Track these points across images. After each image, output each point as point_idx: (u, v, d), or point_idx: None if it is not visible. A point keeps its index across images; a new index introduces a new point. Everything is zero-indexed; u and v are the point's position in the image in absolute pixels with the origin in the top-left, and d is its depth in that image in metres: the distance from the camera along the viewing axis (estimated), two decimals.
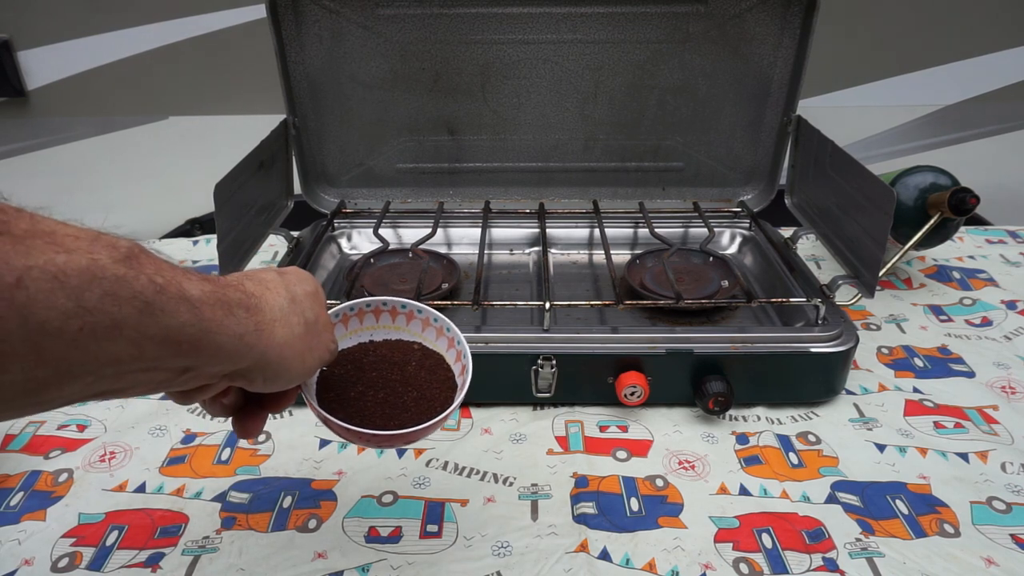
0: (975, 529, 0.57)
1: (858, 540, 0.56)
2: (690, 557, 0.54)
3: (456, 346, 0.48)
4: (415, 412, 0.45)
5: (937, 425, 0.68)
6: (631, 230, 0.94)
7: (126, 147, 1.12)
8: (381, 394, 0.46)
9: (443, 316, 0.49)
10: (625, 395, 0.67)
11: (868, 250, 0.69)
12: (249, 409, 0.43)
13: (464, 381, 0.46)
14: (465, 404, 0.71)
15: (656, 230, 0.87)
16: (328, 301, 0.45)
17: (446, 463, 0.64)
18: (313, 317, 0.39)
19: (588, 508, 0.59)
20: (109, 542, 0.56)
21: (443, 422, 0.44)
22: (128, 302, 0.27)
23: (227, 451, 0.65)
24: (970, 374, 0.76)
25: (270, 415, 0.44)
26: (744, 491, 0.61)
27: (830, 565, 0.53)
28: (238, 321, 0.33)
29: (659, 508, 0.59)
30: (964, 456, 0.64)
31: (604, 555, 0.55)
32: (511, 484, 0.61)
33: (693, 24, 0.85)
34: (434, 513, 0.59)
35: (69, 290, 0.25)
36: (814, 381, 0.70)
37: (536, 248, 0.92)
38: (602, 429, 0.68)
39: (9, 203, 0.27)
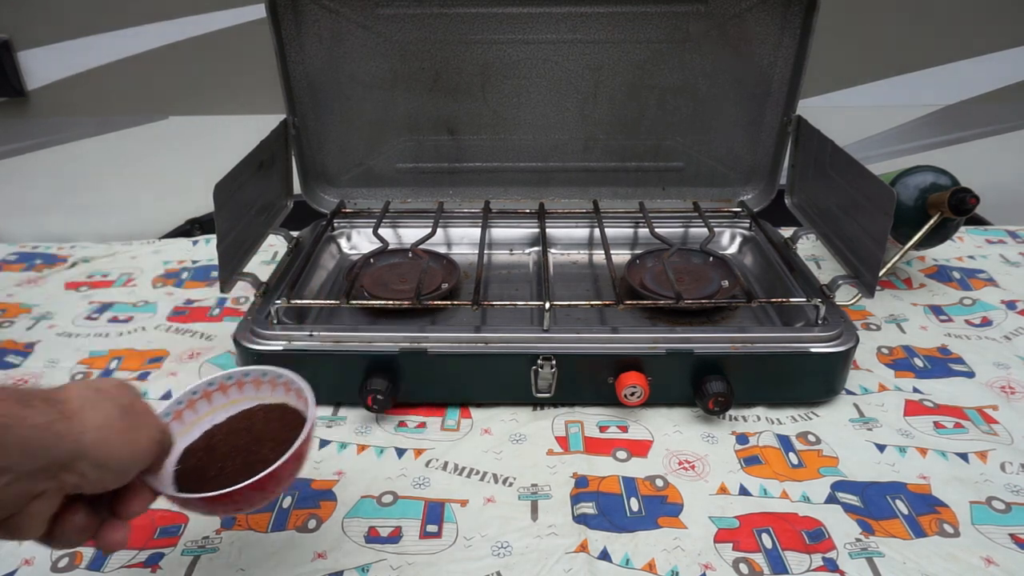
0: (975, 529, 0.57)
1: (858, 540, 0.56)
2: (690, 557, 0.54)
3: (291, 387, 0.50)
4: (276, 458, 0.43)
5: (937, 425, 0.68)
6: (631, 230, 0.94)
7: (126, 147, 1.12)
8: (239, 460, 0.45)
9: (267, 367, 0.50)
10: (625, 395, 0.67)
11: (868, 250, 0.69)
12: (107, 523, 0.39)
13: (309, 405, 0.47)
14: (465, 404, 0.71)
15: (656, 230, 0.87)
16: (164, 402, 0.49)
17: (446, 463, 0.64)
18: (127, 402, 0.38)
19: (588, 508, 0.59)
20: None
21: (304, 449, 0.45)
22: None
23: None
24: (970, 374, 0.76)
25: (130, 520, 0.40)
26: (744, 491, 0.61)
27: (830, 565, 0.53)
28: (39, 412, 0.33)
29: (659, 508, 0.59)
30: (964, 456, 0.64)
31: (604, 555, 0.55)
32: (511, 484, 0.61)
33: (693, 24, 0.85)
34: (434, 513, 0.59)
35: None
36: (814, 381, 0.70)
37: (536, 248, 0.92)
38: (602, 429, 0.68)
39: None
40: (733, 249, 0.93)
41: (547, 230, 0.87)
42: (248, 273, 0.73)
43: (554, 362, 0.66)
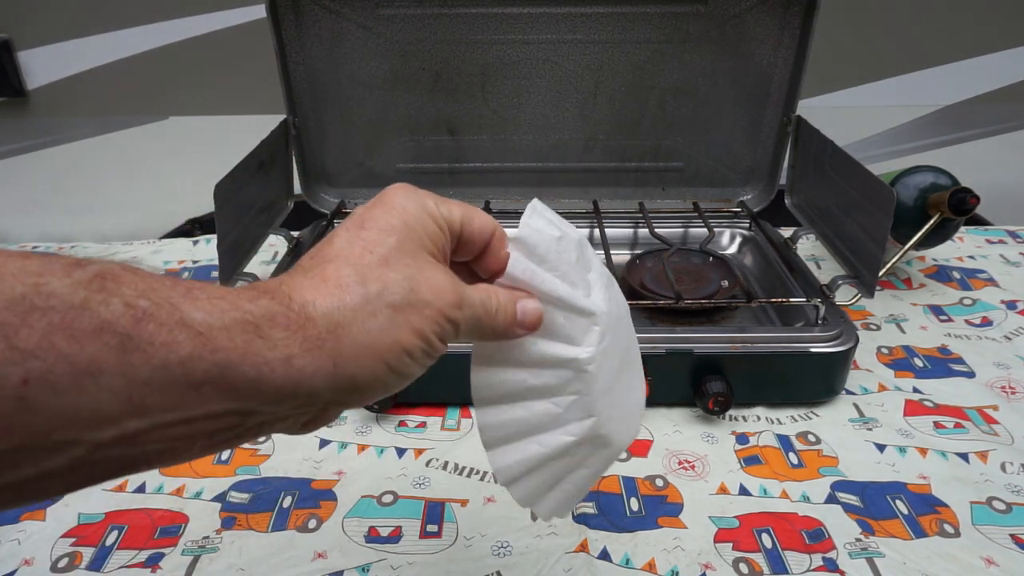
0: (975, 529, 0.57)
1: (858, 540, 0.56)
2: (690, 557, 0.54)
3: None
4: None
5: (937, 425, 0.68)
6: (631, 230, 0.94)
7: (126, 147, 1.12)
8: None
9: None
10: None
11: (868, 250, 0.69)
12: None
13: None
14: (466, 404, 0.71)
15: (656, 230, 0.87)
16: None
17: (446, 463, 0.64)
18: (404, 291, 0.28)
19: (588, 508, 0.59)
20: (109, 542, 0.56)
21: None
22: (94, 337, 0.20)
23: (227, 451, 0.65)
24: (970, 374, 0.76)
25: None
26: (744, 491, 0.61)
27: (830, 565, 0.53)
28: (272, 344, 0.24)
29: (659, 508, 0.59)
30: (964, 456, 0.64)
31: (604, 555, 0.55)
32: None
33: (693, 24, 0.85)
34: (434, 513, 0.59)
35: None
36: (814, 381, 0.70)
37: None
38: None
39: None
40: (733, 249, 0.93)
41: None
42: (248, 273, 0.73)
43: None
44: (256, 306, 0.24)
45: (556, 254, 0.34)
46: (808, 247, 1.00)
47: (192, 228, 1.16)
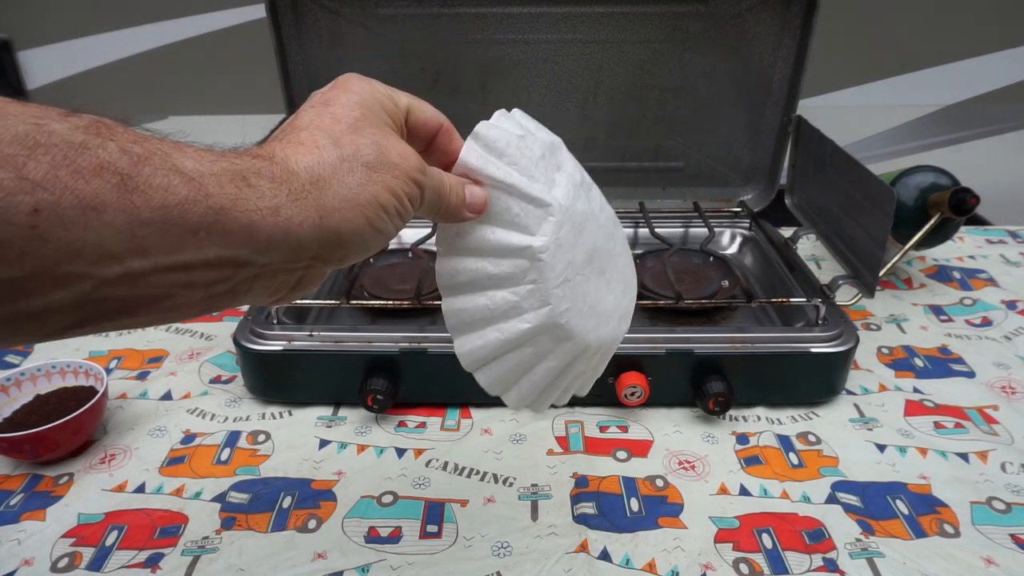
0: (975, 529, 0.57)
1: (858, 540, 0.56)
2: (690, 557, 0.54)
3: (89, 373, 0.68)
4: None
5: (937, 425, 0.68)
6: (631, 230, 0.94)
7: None
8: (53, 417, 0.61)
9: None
10: (625, 395, 0.67)
11: (868, 250, 0.69)
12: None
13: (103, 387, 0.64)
14: (465, 404, 0.71)
15: (656, 230, 0.87)
16: None
17: (446, 463, 0.64)
18: (374, 154, 0.30)
19: (588, 508, 0.59)
20: (109, 542, 0.56)
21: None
22: (95, 175, 0.22)
23: (227, 451, 0.65)
24: (970, 374, 0.76)
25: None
26: (744, 491, 0.61)
27: (830, 565, 0.53)
28: (260, 193, 0.26)
29: (659, 508, 0.59)
30: (964, 456, 0.64)
31: (604, 555, 0.54)
32: (511, 484, 0.61)
33: (693, 24, 0.85)
34: (434, 513, 0.58)
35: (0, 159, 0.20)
36: (814, 381, 0.70)
37: None
38: (602, 429, 0.68)
39: None
40: (733, 249, 0.93)
41: None
42: None
43: None
44: (242, 160, 0.26)
45: (516, 149, 0.35)
46: (808, 247, 1.00)
47: None
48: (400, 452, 0.65)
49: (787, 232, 0.89)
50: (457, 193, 0.34)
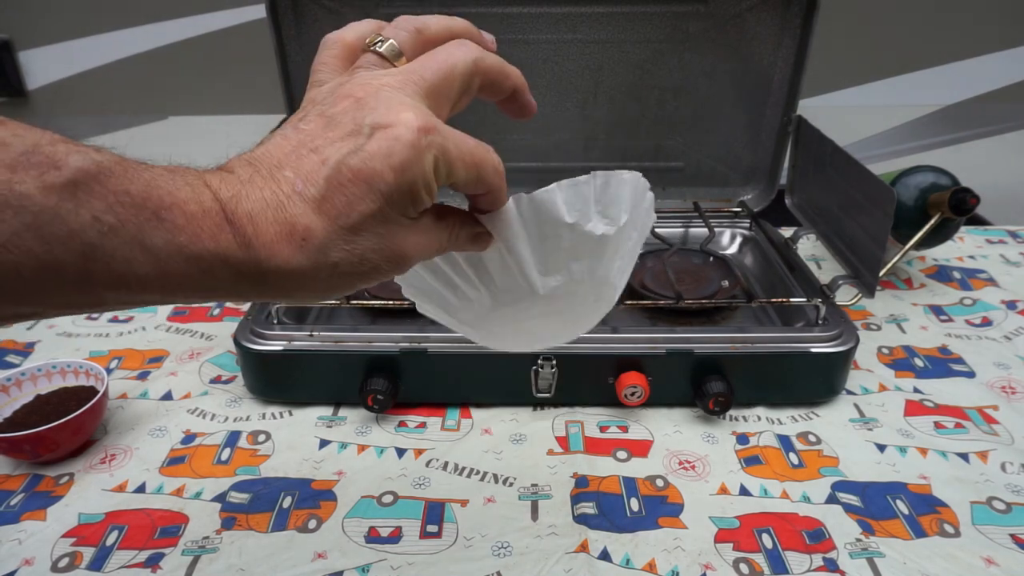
0: (975, 529, 0.57)
1: (858, 540, 0.56)
2: (690, 557, 0.54)
3: (90, 373, 0.68)
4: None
5: (937, 425, 0.68)
6: None
7: (126, 147, 1.12)
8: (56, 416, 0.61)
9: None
10: (625, 395, 0.67)
11: (868, 250, 0.69)
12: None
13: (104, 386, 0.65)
14: (465, 404, 0.71)
15: (656, 230, 0.87)
16: None
17: (446, 463, 0.64)
18: (375, 265, 0.28)
19: (588, 508, 0.59)
20: (109, 542, 0.56)
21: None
22: (61, 243, 0.22)
23: (227, 451, 0.65)
24: (970, 374, 0.76)
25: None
26: (744, 491, 0.61)
27: (830, 565, 0.53)
28: (226, 288, 0.26)
29: (659, 508, 0.59)
30: (964, 456, 0.64)
31: (604, 555, 0.55)
32: (511, 484, 0.61)
33: (693, 24, 0.85)
34: (434, 513, 0.59)
35: None
36: (814, 381, 0.70)
37: None
38: (602, 429, 0.68)
39: None
40: (733, 249, 0.93)
41: None
42: None
43: (554, 362, 0.66)
44: (216, 246, 0.25)
45: (552, 230, 0.34)
46: (808, 247, 1.00)
47: None
48: (400, 452, 0.65)
49: (787, 232, 0.89)
50: (462, 245, 0.33)
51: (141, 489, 0.61)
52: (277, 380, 0.70)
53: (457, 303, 0.38)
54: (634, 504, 0.59)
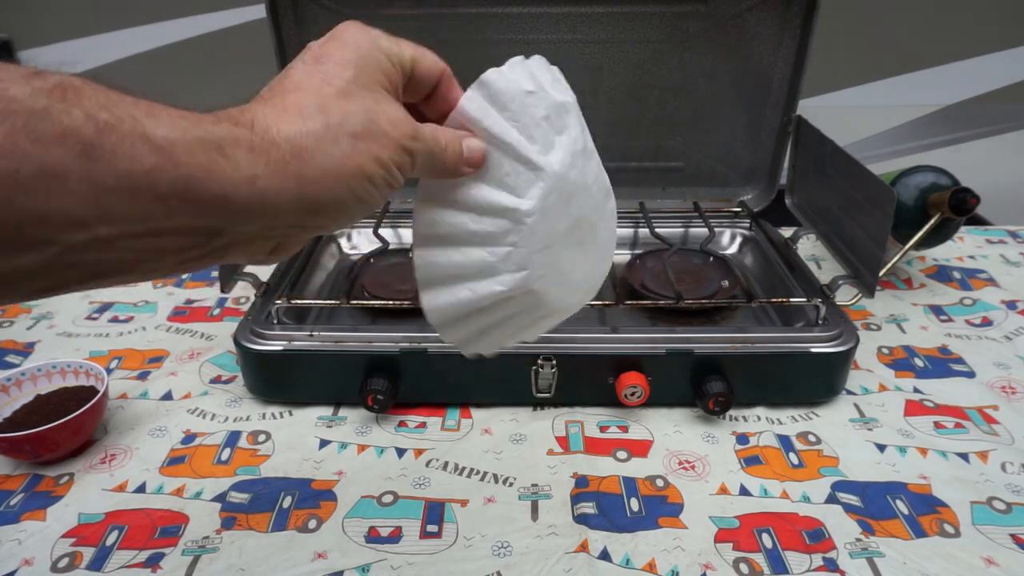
0: (975, 529, 0.57)
1: (858, 540, 0.56)
2: (690, 557, 0.54)
3: (90, 373, 0.68)
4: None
5: (937, 425, 0.68)
6: (631, 230, 0.94)
7: None
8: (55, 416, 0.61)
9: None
10: (625, 395, 0.67)
11: (868, 250, 0.69)
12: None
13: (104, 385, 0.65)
14: (465, 404, 0.71)
15: (656, 230, 0.87)
16: None
17: (446, 463, 0.64)
18: (363, 122, 0.29)
19: (588, 508, 0.59)
20: (109, 542, 0.56)
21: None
22: (57, 143, 0.21)
23: (227, 451, 0.65)
24: (970, 374, 0.76)
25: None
26: (744, 491, 0.61)
27: (830, 565, 0.53)
28: (236, 164, 0.25)
29: (659, 508, 0.59)
30: (964, 456, 0.64)
31: (604, 555, 0.55)
32: (511, 484, 0.61)
33: (693, 24, 0.85)
34: (434, 513, 0.59)
35: None
36: (814, 381, 0.70)
37: None
38: (602, 429, 0.68)
39: None
40: (733, 249, 0.93)
41: None
42: (248, 273, 0.73)
43: (554, 362, 0.66)
44: (219, 128, 0.25)
45: (520, 105, 0.34)
46: (808, 247, 1.00)
47: None
48: (400, 452, 0.65)
49: (787, 232, 0.89)
50: (454, 149, 0.33)
51: (141, 489, 0.61)
52: (277, 380, 0.70)
53: (494, 260, 0.35)
54: (634, 504, 0.59)
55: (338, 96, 0.29)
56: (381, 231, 0.88)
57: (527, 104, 0.34)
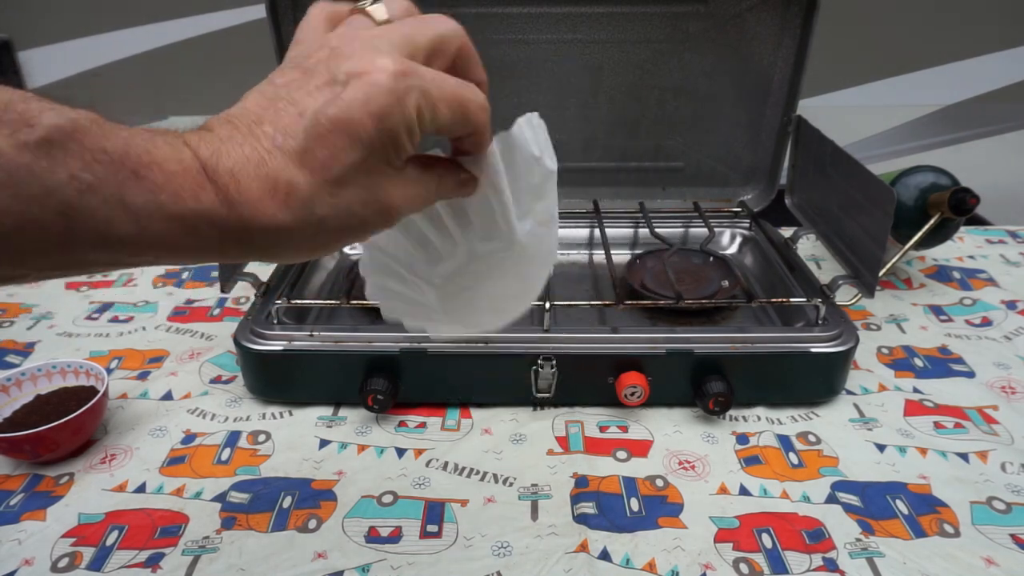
0: (975, 529, 0.57)
1: (858, 540, 0.56)
2: (690, 557, 0.54)
3: (90, 373, 0.68)
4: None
5: (937, 425, 0.68)
6: (631, 230, 0.94)
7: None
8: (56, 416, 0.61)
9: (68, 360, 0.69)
10: (625, 395, 0.67)
11: (868, 250, 0.69)
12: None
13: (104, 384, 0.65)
14: (465, 404, 0.71)
15: (656, 230, 0.87)
16: None
17: (446, 463, 0.64)
18: (352, 225, 0.28)
19: (588, 508, 0.59)
20: (109, 542, 0.56)
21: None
22: (38, 201, 0.21)
23: (227, 451, 0.65)
24: (970, 374, 0.76)
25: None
26: (744, 491, 0.61)
27: (830, 565, 0.53)
28: (205, 242, 0.25)
29: (659, 508, 0.59)
30: (964, 456, 0.64)
31: (604, 555, 0.55)
32: (511, 484, 0.62)
33: (693, 24, 0.85)
34: (434, 513, 0.59)
35: None
36: (814, 381, 0.70)
37: None
38: (602, 429, 0.68)
39: None
40: (733, 249, 0.93)
41: None
42: (248, 273, 0.73)
43: (554, 362, 0.66)
44: (198, 205, 0.24)
45: (525, 168, 0.35)
46: (808, 247, 1.00)
47: None
48: (400, 452, 0.65)
49: (787, 232, 0.89)
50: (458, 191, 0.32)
51: (141, 489, 0.61)
52: (277, 380, 0.70)
53: (426, 268, 0.37)
54: (634, 504, 0.59)
55: (329, 184, 0.26)
56: None
57: (531, 168, 0.35)
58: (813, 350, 0.67)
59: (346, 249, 0.93)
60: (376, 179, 0.27)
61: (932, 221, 0.81)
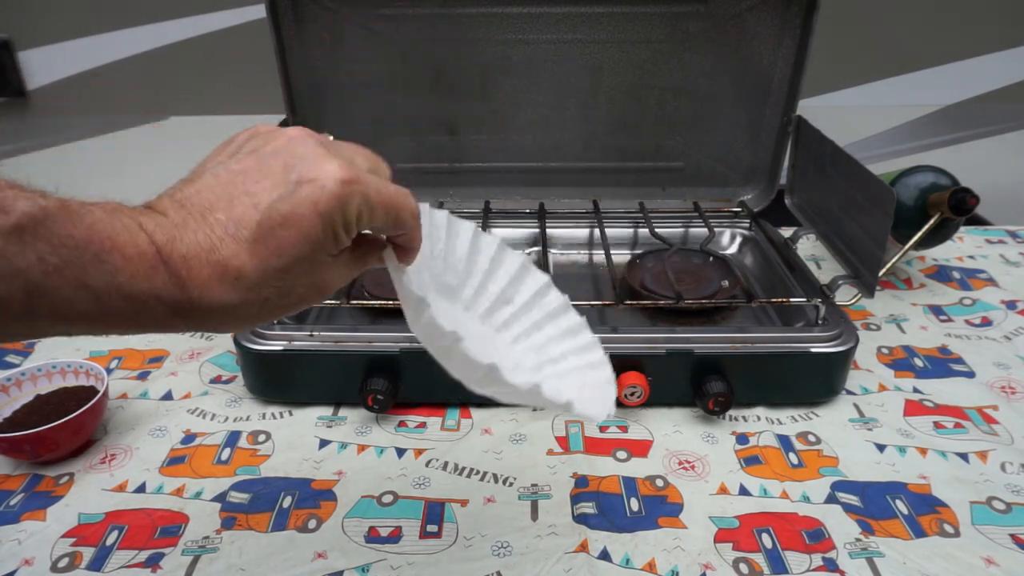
0: (975, 529, 0.57)
1: (858, 540, 0.56)
2: (690, 557, 0.54)
3: (90, 373, 0.68)
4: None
5: (937, 425, 0.68)
6: (631, 230, 0.94)
7: (126, 147, 1.12)
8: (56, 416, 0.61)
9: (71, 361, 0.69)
10: (625, 395, 0.67)
11: (868, 250, 0.69)
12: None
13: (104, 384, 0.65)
14: (465, 404, 0.71)
15: (656, 230, 0.87)
16: None
17: (446, 463, 0.64)
18: (292, 298, 0.31)
19: (588, 508, 0.59)
20: (109, 542, 0.56)
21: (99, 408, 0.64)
22: (5, 281, 0.24)
23: (227, 451, 0.65)
24: (970, 374, 0.76)
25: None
26: (744, 491, 0.61)
27: (830, 565, 0.53)
28: (162, 320, 0.28)
29: (659, 508, 0.59)
30: (964, 456, 0.64)
31: (604, 555, 0.55)
32: (511, 484, 0.62)
33: (693, 24, 0.85)
34: (434, 513, 0.59)
35: None
36: (814, 381, 0.70)
37: (536, 248, 0.92)
38: (602, 429, 0.68)
39: None
40: (733, 249, 0.93)
41: (547, 230, 0.87)
42: None
43: None
44: (152, 286, 0.27)
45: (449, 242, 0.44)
46: (808, 247, 1.01)
47: None
48: (400, 452, 0.65)
49: (787, 232, 0.89)
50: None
51: (141, 489, 0.61)
52: (277, 380, 0.70)
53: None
54: (634, 504, 0.59)
55: (275, 271, 0.29)
56: None
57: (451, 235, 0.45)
58: (813, 350, 0.68)
59: None
60: (315, 266, 0.31)
61: (932, 221, 0.81)
